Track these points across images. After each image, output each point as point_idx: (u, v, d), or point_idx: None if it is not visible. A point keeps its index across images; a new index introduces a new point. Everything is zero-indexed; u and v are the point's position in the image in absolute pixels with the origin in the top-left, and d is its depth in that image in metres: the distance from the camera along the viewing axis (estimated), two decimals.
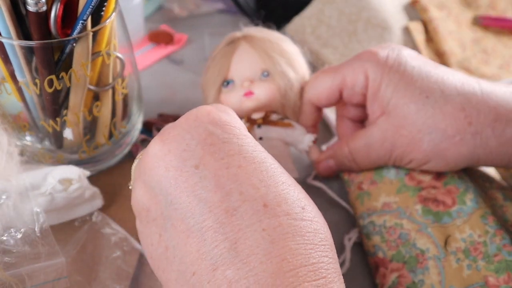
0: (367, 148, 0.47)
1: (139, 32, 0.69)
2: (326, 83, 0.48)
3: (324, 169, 0.51)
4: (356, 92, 0.47)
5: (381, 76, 0.45)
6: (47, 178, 0.44)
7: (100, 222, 0.46)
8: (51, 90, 0.43)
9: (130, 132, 0.52)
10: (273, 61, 0.50)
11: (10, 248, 0.40)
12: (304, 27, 0.66)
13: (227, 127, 0.34)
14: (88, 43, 0.42)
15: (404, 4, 0.71)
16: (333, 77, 0.48)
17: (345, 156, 0.49)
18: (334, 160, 0.50)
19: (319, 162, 0.52)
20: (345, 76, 0.47)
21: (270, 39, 0.52)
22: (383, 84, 0.45)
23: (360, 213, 0.48)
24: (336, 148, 0.50)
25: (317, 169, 0.52)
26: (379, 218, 0.46)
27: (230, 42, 0.52)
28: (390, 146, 0.46)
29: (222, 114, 0.34)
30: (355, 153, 0.48)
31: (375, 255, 0.45)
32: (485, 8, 0.72)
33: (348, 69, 0.47)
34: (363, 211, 0.48)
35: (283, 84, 0.50)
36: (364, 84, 0.46)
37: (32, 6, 0.39)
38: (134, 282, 0.43)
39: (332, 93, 0.48)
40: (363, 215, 0.47)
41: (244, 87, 0.50)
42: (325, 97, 0.49)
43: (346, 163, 0.49)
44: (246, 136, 0.34)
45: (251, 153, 0.33)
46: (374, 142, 0.46)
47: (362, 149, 0.47)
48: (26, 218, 0.41)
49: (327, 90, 0.48)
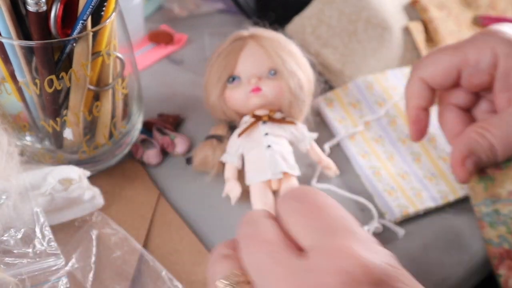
0: None
1: (139, 32, 0.69)
2: (444, 60, 0.43)
3: (468, 173, 0.43)
4: (481, 70, 0.42)
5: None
6: (47, 178, 0.44)
7: (100, 222, 0.46)
8: (51, 90, 0.43)
9: (130, 132, 0.52)
10: (282, 60, 0.51)
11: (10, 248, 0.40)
12: (304, 27, 0.66)
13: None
14: (88, 43, 0.42)
15: (404, 4, 0.70)
16: (452, 54, 0.43)
17: (487, 149, 0.42)
18: (471, 159, 0.42)
19: (456, 168, 0.43)
20: (466, 53, 0.42)
21: (278, 39, 0.53)
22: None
23: (481, 199, 0.44)
24: (469, 142, 0.42)
25: (458, 176, 0.43)
26: (504, 206, 0.43)
27: (237, 40, 0.53)
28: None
29: (384, 264, 0.27)
30: (498, 144, 0.41)
31: (500, 246, 0.42)
32: (485, 8, 0.72)
33: (470, 47, 0.42)
34: (485, 197, 0.44)
35: (293, 83, 0.51)
36: (491, 62, 0.41)
37: (32, 6, 0.39)
38: (134, 282, 0.43)
39: (449, 72, 0.43)
40: (486, 202, 0.44)
41: (251, 84, 0.51)
42: (441, 75, 0.44)
43: (485, 158, 0.42)
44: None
45: None
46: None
47: (506, 137, 0.41)
48: (26, 218, 0.41)
49: (445, 68, 0.43)
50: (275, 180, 0.49)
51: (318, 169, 0.54)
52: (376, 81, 0.61)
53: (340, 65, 0.63)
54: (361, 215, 0.51)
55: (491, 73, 0.42)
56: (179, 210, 0.51)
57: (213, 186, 0.52)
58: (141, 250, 0.45)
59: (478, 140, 0.42)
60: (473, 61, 0.42)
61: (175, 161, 0.55)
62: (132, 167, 0.53)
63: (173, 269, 0.45)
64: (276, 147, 0.50)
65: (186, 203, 0.51)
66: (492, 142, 0.41)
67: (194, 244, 0.47)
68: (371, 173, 0.54)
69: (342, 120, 0.58)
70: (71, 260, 0.43)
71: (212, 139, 0.53)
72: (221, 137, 0.53)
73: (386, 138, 0.57)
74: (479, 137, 0.42)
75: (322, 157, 0.53)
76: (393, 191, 0.52)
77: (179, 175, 0.54)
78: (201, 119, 0.59)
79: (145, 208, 0.50)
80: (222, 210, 0.51)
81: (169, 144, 0.54)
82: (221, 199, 0.51)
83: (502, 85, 0.42)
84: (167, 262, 0.45)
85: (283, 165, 0.49)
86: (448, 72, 0.43)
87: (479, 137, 0.42)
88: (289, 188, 0.34)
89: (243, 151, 0.51)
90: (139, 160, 0.54)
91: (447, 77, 0.44)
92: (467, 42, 0.43)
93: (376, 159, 0.55)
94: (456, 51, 0.43)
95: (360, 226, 0.29)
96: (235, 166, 0.51)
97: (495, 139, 0.41)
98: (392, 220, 0.50)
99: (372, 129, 0.58)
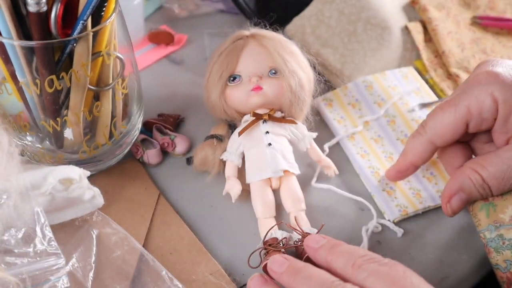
0: (508, 172, 0.43)
1: (139, 32, 0.69)
2: (449, 118, 0.45)
3: (458, 207, 0.46)
4: (485, 118, 0.44)
5: None
6: (47, 178, 0.44)
7: (101, 222, 0.46)
8: (52, 90, 0.43)
9: (130, 132, 0.52)
10: (283, 60, 0.52)
11: (11, 248, 0.40)
12: (304, 27, 0.66)
13: None
14: (88, 43, 0.42)
15: (403, 4, 0.71)
16: (454, 110, 0.44)
17: (478, 186, 0.44)
18: (459, 196, 0.45)
19: (443, 204, 0.47)
20: (468, 107, 0.44)
21: (279, 39, 0.54)
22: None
23: (485, 225, 0.46)
24: (461, 179, 0.45)
25: (448, 209, 0.46)
26: (508, 231, 0.44)
27: (238, 39, 0.53)
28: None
29: None
30: (491, 179, 0.43)
31: (508, 271, 0.43)
32: (484, 8, 0.72)
33: (470, 99, 0.44)
34: (489, 223, 0.46)
35: (294, 83, 0.51)
36: (493, 109, 0.43)
37: (32, 7, 0.39)
38: (134, 281, 0.43)
39: (457, 127, 0.45)
40: (489, 228, 0.45)
41: (252, 83, 0.51)
42: (450, 135, 0.45)
43: (476, 194, 0.45)
44: None
45: None
46: None
47: (501, 174, 0.43)
48: (27, 218, 0.41)
49: (452, 126, 0.45)
50: (276, 178, 0.49)
51: (318, 168, 0.54)
52: (375, 81, 0.61)
53: (339, 65, 0.63)
54: (360, 215, 0.51)
55: (494, 117, 0.44)
56: (179, 210, 0.51)
57: (213, 186, 0.52)
58: (141, 250, 0.45)
59: (470, 177, 0.44)
60: (476, 112, 0.44)
61: (175, 161, 0.55)
62: (132, 167, 0.54)
63: (173, 268, 0.45)
64: (276, 145, 0.50)
65: (186, 203, 0.51)
66: (485, 178, 0.43)
67: (194, 243, 0.47)
68: (370, 172, 0.54)
69: (341, 120, 0.58)
70: (71, 260, 0.43)
71: (212, 139, 0.53)
72: (222, 137, 0.53)
73: (385, 138, 0.57)
74: (472, 174, 0.44)
75: (322, 156, 0.54)
76: (392, 191, 0.52)
77: (179, 175, 0.54)
78: (201, 119, 0.59)
79: (145, 208, 0.50)
80: (222, 209, 0.51)
81: (169, 144, 0.55)
82: (221, 198, 0.51)
83: (501, 128, 0.44)
84: (167, 262, 0.45)
85: (283, 163, 0.49)
86: (456, 130, 0.45)
87: (473, 174, 0.44)
88: None
89: (244, 149, 0.51)
90: (139, 160, 0.54)
91: (455, 135, 0.45)
92: (465, 95, 0.44)
93: (375, 159, 0.55)
94: (458, 108, 0.44)
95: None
96: (235, 164, 0.51)
97: (489, 175, 0.43)
98: (391, 219, 0.50)
99: (372, 129, 0.58)
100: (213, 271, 0.45)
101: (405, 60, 0.66)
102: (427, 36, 0.68)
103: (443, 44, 0.66)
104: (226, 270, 0.46)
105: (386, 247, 0.49)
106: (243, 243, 0.48)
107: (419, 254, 0.49)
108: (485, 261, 0.49)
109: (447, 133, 0.45)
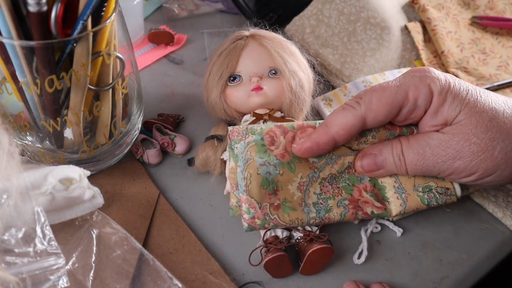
0: (426, 152, 0.45)
1: (139, 32, 0.69)
2: (388, 97, 0.44)
3: (367, 165, 0.47)
4: (418, 106, 0.45)
5: (446, 90, 0.44)
6: (47, 177, 0.44)
7: (101, 222, 0.46)
8: (52, 90, 0.43)
9: (130, 132, 0.52)
10: (283, 60, 0.52)
11: (11, 248, 0.40)
12: (303, 27, 0.66)
13: None
14: (88, 43, 0.42)
15: (403, 4, 0.71)
16: (395, 91, 0.44)
17: (395, 157, 0.46)
18: (377, 160, 0.47)
19: (361, 159, 0.47)
20: (406, 90, 0.44)
21: (279, 39, 0.54)
22: (449, 97, 0.44)
23: None
24: (383, 148, 0.47)
25: (358, 166, 0.48)
26: None
27: (238, 39, 0.53)
28: (454, 153, 0.44)
29: None
30: (408, 155, 0.46)
31: None
32: (484, 8, 0.72)
33: (409, 84, 0.45)
34: None
35: (294, 83, 0.51)
36: (428, 99, 0.44)
37: (32, 6, 0.39)
38: (134, 281, 0.43)
39: (393, 108, 0.45)
40: None
41: (252, 83, 0.52)
42: (384, 112, 0.45)
43: (393, 167, 0.47)
44: None
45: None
46: (436, 146, 0.44)
47: (418, 152, 0.45)
48: (27, 217, 0.41)
49: (389, 105, 0.45)
50: None
51: None
52: (375, 81, 0.61)
53: (339, 65, 0.63)
54: None
55: (426, 108, 0.45)
56: (179, 210, 0.51)
57: (213, 186, 0.52)
58: (141, 249, 0.45)
59: (391, 147, 0.47)
60: (412, 98, 0.45)
61: (175, 161, 0.55)
62: (132, 167, 0.54)
63: (173, 268, 0.45)
64: None
65: (186, 202, 0.51)
66: (402, 152, 0.46)
67: (194, 243, 0.47)
68: None
69: None
70: (71, 259, 0.43)
71: (212, 140, 0.53)
72: (222, 137, 0.53)
73: None
74: (393, 147, 0.47)
75: None
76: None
77: (179, 174, 0.54)
78: (201, 119, 0.59)
79: (145, 207, 0.50)
80: (222, 209, 0.51)
81: (169, 144, 0.55)
82: (221, 198, 0.51)
83: (431, 121, 0.45)
84: (167, 261, 0.45)
85: None
86: (390, 111, 0.45)
87: (393, 146, 0.47)
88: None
89: None
90: (139, 160, 0.54)
91: (389, 116, 0.45)
92: (406, 79, 0.45)
93: None
94: (399, 89, 0.44)
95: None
96: None
97: (405, 150, 0.46)
98: (390, 219, 0.50)
99: None
100: (213, 270, 0.45)
101: (405, 60, 0.66)
102: (426, 36, 0.68)
103: (443, 44, 0.67)
104: (225, 269, 0.46)
105: (386, 247, 0.49)
106: (243, 243, 0.48)
107: (419, 253, 0.49)
108: (484, 261, 0.49)
109: (382, 112, 0.44)
